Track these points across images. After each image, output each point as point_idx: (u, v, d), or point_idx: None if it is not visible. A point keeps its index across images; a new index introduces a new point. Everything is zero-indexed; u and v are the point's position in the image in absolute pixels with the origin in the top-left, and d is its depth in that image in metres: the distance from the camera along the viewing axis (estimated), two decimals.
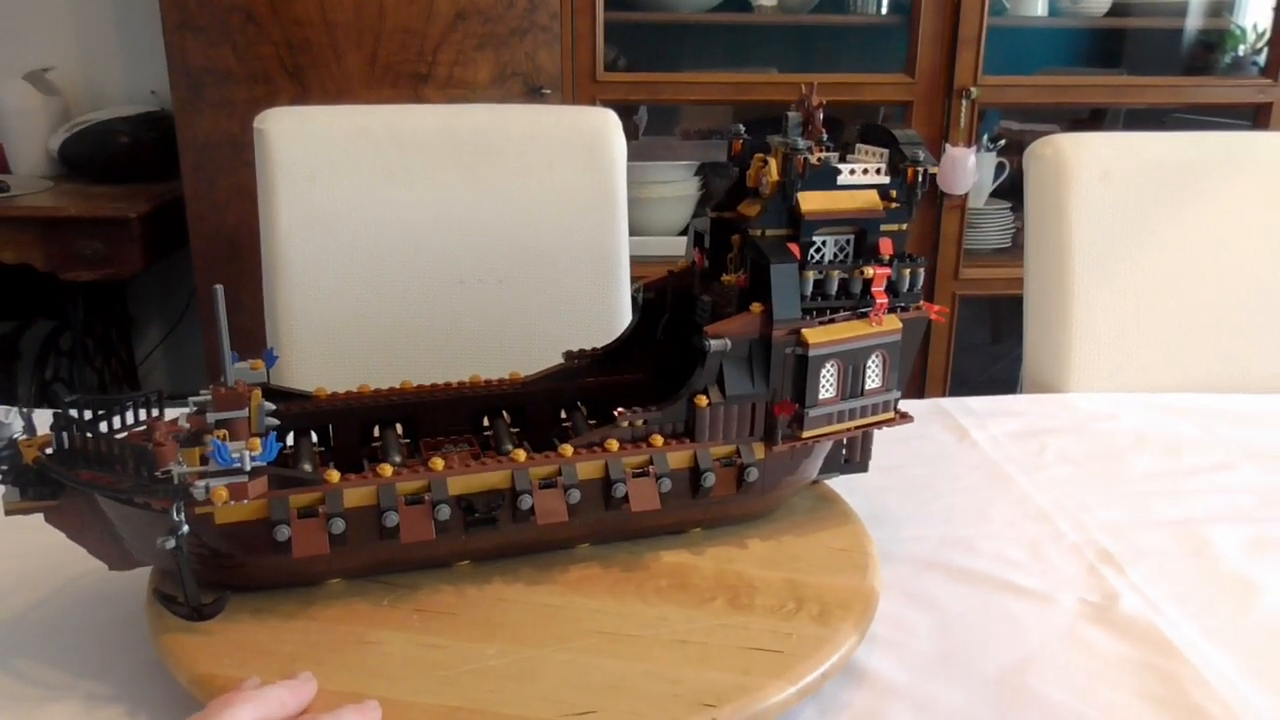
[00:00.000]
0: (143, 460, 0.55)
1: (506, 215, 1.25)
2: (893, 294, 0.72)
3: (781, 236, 0.70)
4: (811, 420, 0.69)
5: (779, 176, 0.70)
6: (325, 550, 0.59)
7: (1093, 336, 1.17)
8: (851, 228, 0.71)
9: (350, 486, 0.60)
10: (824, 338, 0.68)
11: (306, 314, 1.22)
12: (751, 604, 0.64)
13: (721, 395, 0.68)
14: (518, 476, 0.63)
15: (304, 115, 1.23)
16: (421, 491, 0.61)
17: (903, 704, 0.60)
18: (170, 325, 2.44)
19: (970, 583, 0.73)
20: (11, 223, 1.90)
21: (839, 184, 0.70)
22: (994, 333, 2.97)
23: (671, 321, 0.80)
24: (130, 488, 0.55)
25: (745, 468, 0.69)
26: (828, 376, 0.69)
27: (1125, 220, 1.17)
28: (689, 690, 0.55)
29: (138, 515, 0.57)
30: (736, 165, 0.76)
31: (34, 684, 0.60)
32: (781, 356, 0.68)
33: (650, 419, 0.67)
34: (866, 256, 0.71)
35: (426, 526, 0.61)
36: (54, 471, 0.57)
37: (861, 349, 0.70)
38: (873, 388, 0.71)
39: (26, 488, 0.57)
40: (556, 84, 1.91)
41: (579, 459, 0.65)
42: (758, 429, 0.70)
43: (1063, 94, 2.22)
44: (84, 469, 0.56)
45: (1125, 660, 0.64)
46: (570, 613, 0.63)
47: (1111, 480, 0.90)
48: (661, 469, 0.66)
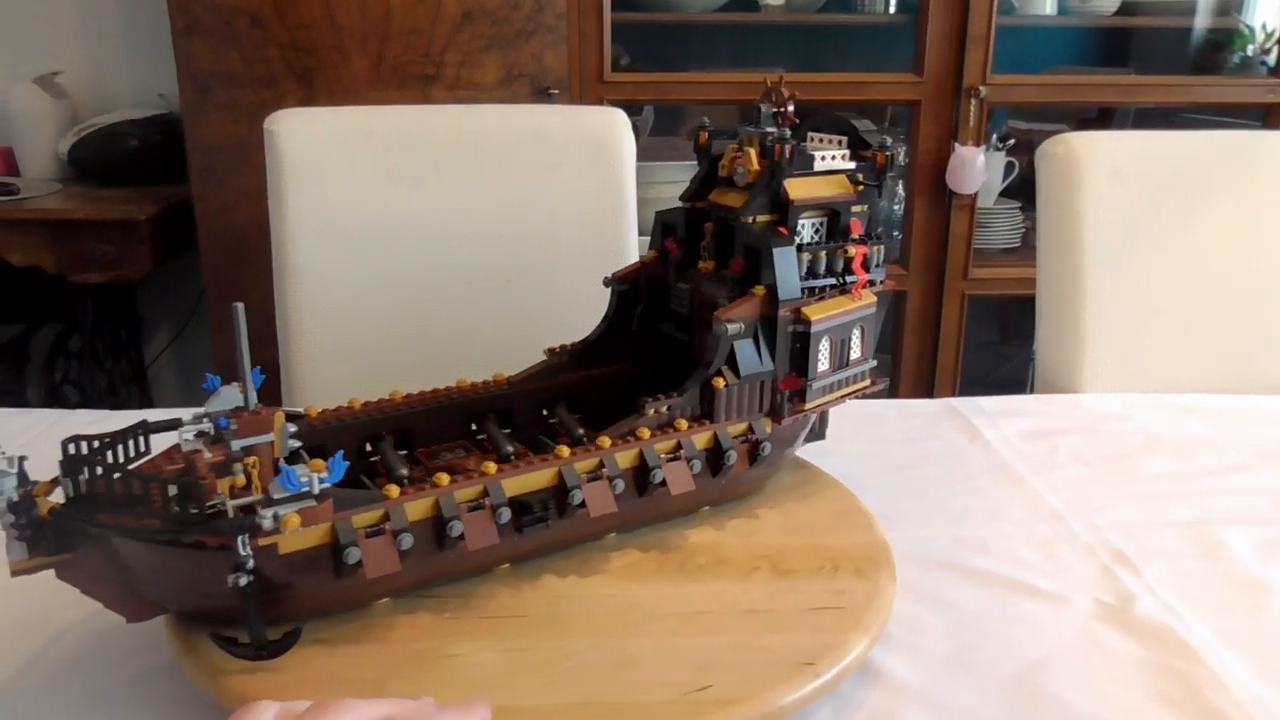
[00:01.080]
0: (190, 496, 0.51)
1: (515, 216, 1.25)
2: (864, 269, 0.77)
3: (769, 222, 0.74)
4: (813, 392, 0.74)
5: (760, 165, 0.74)
6: (397, 568, 0.57)
7: (1105, 336, 1.17)
8: (825, 211, 0.75)
9: (410, 500, 0.58)
10: (821, 314, 0.72)
11: (316, 315, 1.22)
12: (792, 569, 0.67)
13: (735, 376, 0.71)
14: (566, 473, 0.63)
15: (313, 117, 1.23)
16: (480, 498, 0.61)
17: (917, 704, 0.60)
18: (179, 327, 2.44)
19: (984, 583, 0.73)
20: (21, 225, 1.90)
21: (815, 170, 0.75)
22: (1002, 333, 2.97)
23: (646, 311, 0.82)
24: (176, 527, 0.51)
25: (759, 443, 0.72)
26: (824, 350, 0.74)
27: (1137, 219, 1.17)
28: (782, 654, 0.58)
29: (177, 557, 0.52)
30: (705, 156, 0.80)
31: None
32: (785, 334, 0.72)
33: (674, 405, 0.69)
34: (838, 237, 0.76)
35: (490, 531, 0.60)
36: (80, 521, 0.52)
37: (848, 323, 0.75)
38: (855, 358, 0.77)
39: (40, 543, 0.52)
40: (564, 84, 1.90)
41: (617, 449, 0.66)
42: (764, 405, 0.73)
43: (1072, 93, 2.21)
44: (102, 513, 0.52)
45: (1141, 662, 0.64)
46: (633, 599, 0.63)
47: (1124, 481, 0.90)
48: (690, 451, 0.69)
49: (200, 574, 0.53)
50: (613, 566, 0.67)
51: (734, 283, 0.74)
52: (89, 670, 0.60)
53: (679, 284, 0.79)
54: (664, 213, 0.81)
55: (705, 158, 0.80)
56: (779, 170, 0.73)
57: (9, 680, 0.59)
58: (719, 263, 0.78)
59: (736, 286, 0.74)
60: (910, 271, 2.16)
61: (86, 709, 0.57)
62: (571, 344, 0.82)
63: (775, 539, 0.71)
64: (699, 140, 0.81)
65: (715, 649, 0.58)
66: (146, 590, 0.55)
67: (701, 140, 0.80)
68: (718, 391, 0.70)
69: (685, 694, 0.54)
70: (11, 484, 0.51)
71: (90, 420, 1.00)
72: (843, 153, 0.77)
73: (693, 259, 0.79)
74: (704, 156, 0.80)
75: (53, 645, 0.62)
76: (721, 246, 0.78)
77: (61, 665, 0.61)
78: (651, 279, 0.82)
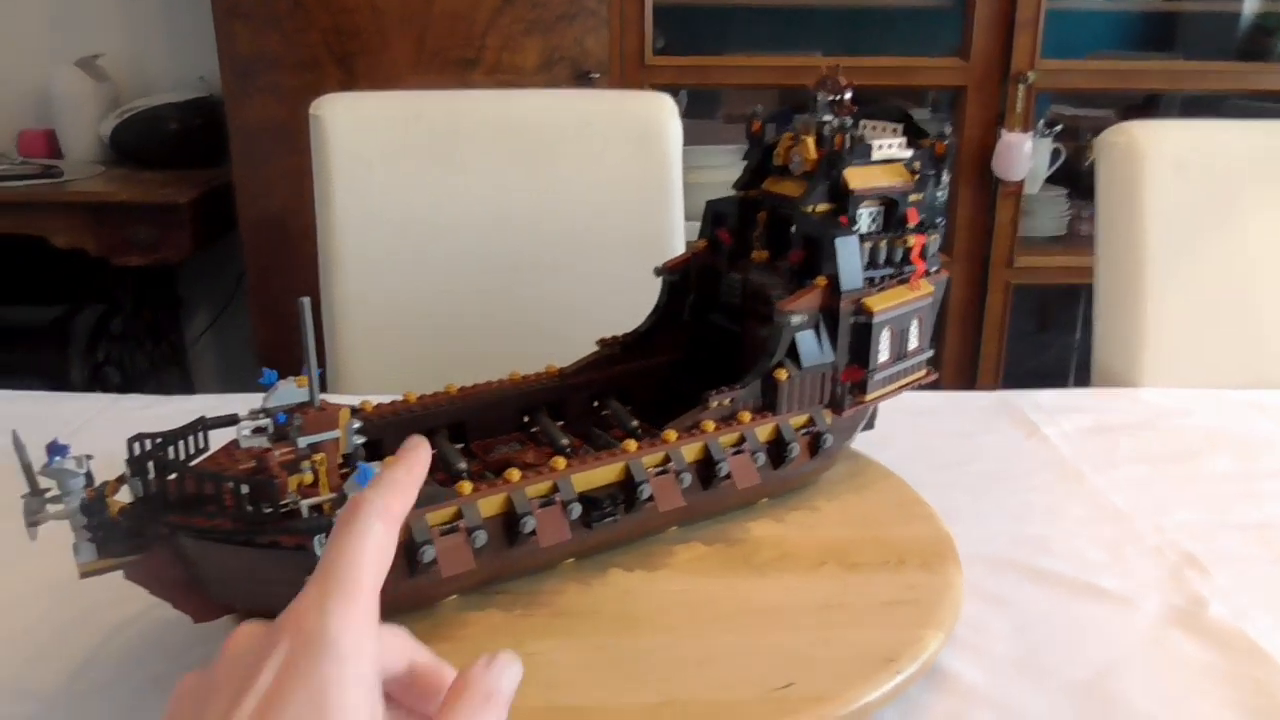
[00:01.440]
0: (263, 495, 0.50)
1: (561, 201, 1.24)
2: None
3: (829, 212, 0.73)
4: (874, 383, 0.73)
5: (817, 154, 0.73)
6: (472, 566, 0.56)
7: (1166, 330, 1.14)
8: (882, 200, 0.75)
9: (483, 496, 0.58)
10: (882, 304, 0.71)
11: (361, 300, 1.22)
12: (859, 563, 0.66)
13: (797, 368, 0.70)
14: (634, 467, 0.63)
15: (360, 101, 1.22)
16: (550, 493, 0.60)
17: (984, 708, 0.58)
18: (218, 310, 2.46)
19: (1048, 584, 0.71)
20: (65, 208, 1.92)
21: (873, 159, 0.74)
22: (1041, 322, 2.92)
23: (696, 301, 0.81)
24: (250, 527, 0.50)
25: (820, 435, 0.72)
26: (884, 341, 0.73)
27: (1201, 210, 1.14)
28: (863, 650, 0.57)
29: (250, 558, 0.52)
30: (758, 145, 0.79)
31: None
32: (846, 326, 0.71)
33: (736, 397, 0.68)
34: (894, 226, 0.75)
35: (562, 527, 0.60)
36: (152, 522, 0.51)
37: (907, 313, 0.74)
38: (913, 349, 0.76)
39: (110, 544, 0.51)
40: (604, 68, 1.89)
41: (683, 442, 0.65)
42: (824, 397, 0.72)
43: (1122, 79, 2.16)
44: (173, 513, 0.51)
45: (1215, 669, 0.62)
46: (705, 594, 0.63)
47: (1188, 480, 0.87)
48: (754, 444, 0.68)
49: (274, 574, 0.52)
50: (678, 561, 0.66)
51: (792, 273, 0.73)
52: (152, 660, 0.60)
53: (731, 274, 0.78)
54: (715, 202, 0.80)
55: (758, 146, 0.79)
56: (839, 159, 0.72)
57: (74, 671, 0.59)
58: (772, 253, 0.77)
59: (795, 277, 0.73)
60: (954, 259, 2.12)
61: (151, 694, 0.57)
62: (623, 334, 0.80)
63: (838, 532, 0.70)
64: (752, 128, 0.79)
65: (793, 646, 0.58)
66: (215, 590, 0.55)
67: (755, 128, 0.79)
68: (780, 383, 0.69)
69: (770, 692, 0.53)
70: (80, 484, 0.49)
71: (139, 406, 1.01)
72: (899, 141, 0.76)
73: (745, 249, 0.78)
74: (757, 145, 0.79)
75: (114, 638, 0.62)
76: (775, 236, 0.77)
77: (125, 655, 0.61)
78: (702, 269, 0.81)
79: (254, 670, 0.32)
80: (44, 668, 0.59)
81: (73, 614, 0.64)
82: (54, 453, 0.49)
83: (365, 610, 0.34)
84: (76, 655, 0.60)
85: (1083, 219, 2.27)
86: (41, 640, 0.62)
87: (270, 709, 0.31)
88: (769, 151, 0.78)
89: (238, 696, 0.32)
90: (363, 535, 0.36)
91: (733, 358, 0.78)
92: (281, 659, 0.32)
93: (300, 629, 0.33)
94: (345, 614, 0.34)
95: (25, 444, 0.49)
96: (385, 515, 0.38)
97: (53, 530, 0.51)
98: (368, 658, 0.34)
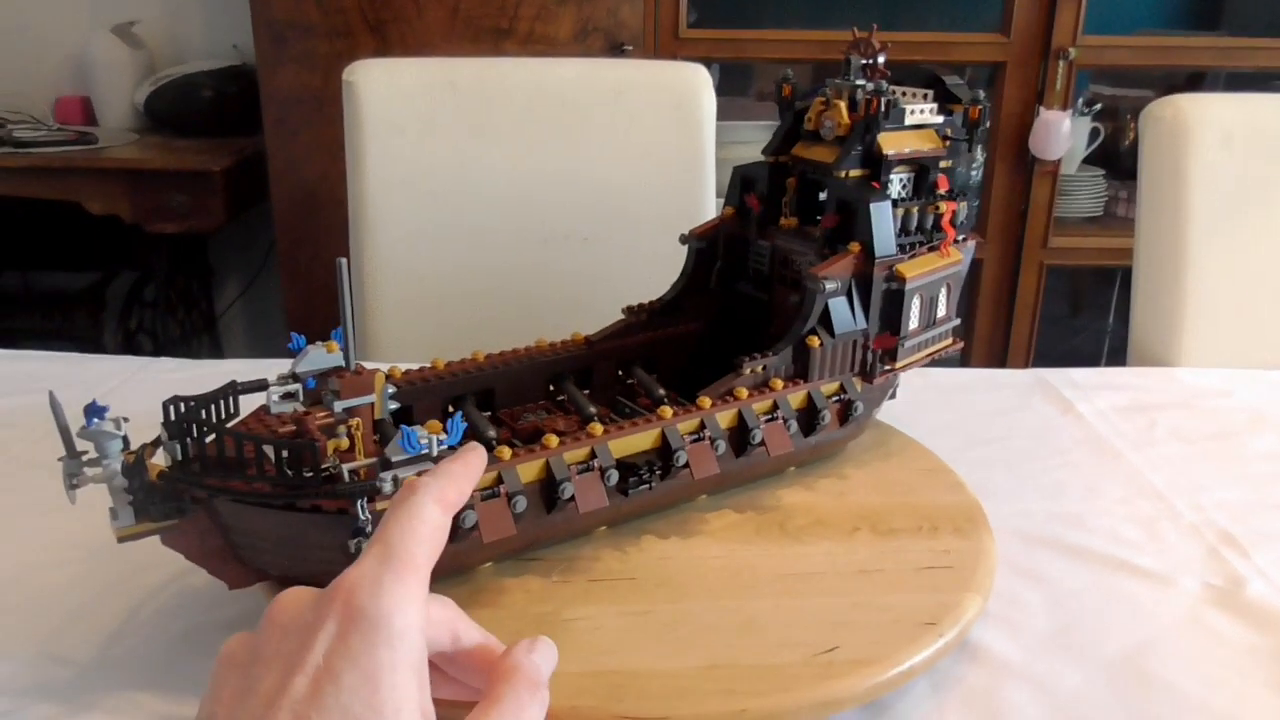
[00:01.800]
0: (303, 458, 0.49)
1: (593, 172, 1.23)
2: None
3: (862, 177, 0.72)
4: (904, 351, 0.73)
5: (850, 118, 0.72)
6: (513, 531, 0.56)
7: (1207, 309, 1.12)
8: (914, 166, 0.74)
9: (521, 462, 0.57)
10: (914, 271, 0.71)
11: (392, 268, 1.22)
12: (893, 529, 0.66)
13: (829, 335, 0.69)
14: (669, 434, 0.62)
15: (393, 68, 1.22)
16: (588, 459, 0.60)
17: (1018, 682, 0.57)
18: (249, 278, 2.47)
19: (1084, 560, 0.70)
20: (99, 174, 1.93)
21: (906, 124, 0.73)
22: (1074, 305, 2.89)
23: (724, 269, 0.80)
24: (291, 491, 0.49)
25: (851, 403, 0.71)
26: (915, 308, 0.72)
27: (1247, 187, 1.11)
28: (902, 614, 0.57)
29: (290, 522, 0.51)
30: (789, 110, 0.78)
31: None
32: (878, 292, 0.70)
33: (769, 364, 0.68)
34: (925, 193, 0.74)
35: (600, 494, 0.59)
36: (191, 485, 0.50)
37: (937, 280, 0.73)
38: (941, 316, 0.75)
39: (148, 508, 0.50)
40: (638, 40, 1.87)
41: (717, 409, 0.64)
42: (855, 364, 0.72)
43: (1167, 55, 2.12)
44: (211, 477, 0.50)
45: (1255, 648, 0.61)
46: (742, 561, 0.62)
47: (1227, 460, 0.86)
48: (786, 412, 0.67)
49: (314, 539, 0.51)
50: (712, 528, 0.66)
51: (825, 239, 0.72)
52: (188, 626, 0.60)
53: (759, 241, 0.78)
54: (744, 167, 0.79)
55: (789, 111, 0.78)
56: (873, 124, 0.71)
57: (110, 636, 0.59)
58: (802, 219, 0.76)
59: (827, 243, 0.72)
60: (988, 239, 2.10)
61: (187, 659, 0.57)
62: (649, 302, 0.80)
63: (869, 498, 0.70)
64: (783, 92, 0.78)
65: (834, 610, 0.58)
66: (251, 556, 0.54)
67: (786, 93, 0.78)
68: (812, 350, 0.68)
69: (814, 655, 0.53)
70: (118, 447, 0.49)
71: (170, 368, 1.01)
72: (931, 106, 0.75)
73: (773, 215, 0.77)
74: (787, 109, 0.78)
75: (148, 602, 0.62)
76: (805, 202, 0.76)
77: (161, 620, 0.61)
78: (730, 236, 0.80)
79: (304, 645, 0.32)
80: (79, 632, 0.59)
81: (108, 578, 0.64)
82: (92, 414, 0.48)
83: (418, 590, 0.34)
84: (112, 620, 0.60)
85: (1120, 200, 2.23)
86: (76, 604, 0.62)
87: (321, 689, 0.31)
88: (800, 116, 0.77)
89: (289, 673, 0.31)
90: (419, 515, 0.36)
91: (760, 325, 0.77)
92: (332, 635, 0.32)
93: (352, 604, 0.33)
94: (400, 593, 0.33)
95: (62, 405, 0.48)
96: (442, 500, 0.38)
97: (87, 493, 0.51)
98: (418, 638, 0.33)
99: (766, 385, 0.68)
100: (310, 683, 0.31)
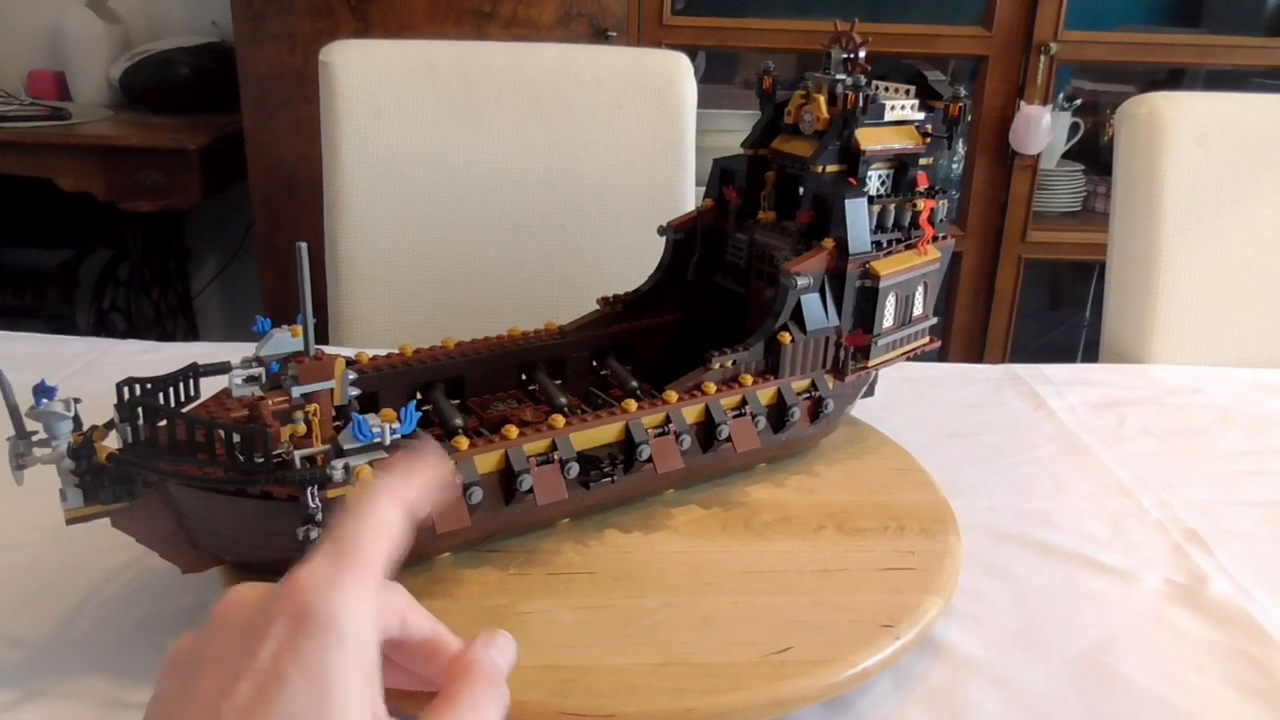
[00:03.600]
0: (254, 444, 0.48)
1: (571, 158, 1.22)
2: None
3: (839, 172, 0.71)
4: (877, 349, 0.72)
5: (829, 113, 0.71)
6: (468, 523, 0.55)
7: (1179, 306, 1.12)
8: (892, 163, 0.73)
9: (480, 452, 0.56)
10: (889, 269, 0.70)
11: (367, 250, 1.21)
12: (859, 528, 0.66)
13: (801, 331, 0.69)
14: (633, 427, 0.62)
15: (370, 49, 1.21)
16: (548, 451, 0.59)
17: (981, 679, 0.58)
18: (226, 259, 2.45)
19: (1050, 557, 0.70)
20: (73, 151, 1.90)
21: (885, 120, 0.72)
22: (1052, 298, 2.90)
23: (701, 261, 0.80)
24: (241, 477, 0.49)
25: (822, 400, 0.71)
26: (890, 307, 0.72)
27: (1220, 185, 1.12)
28: (860, 615, 0.57)
29: (241, 508, 0.50)
30: (769, 102, 0.77)
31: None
32: (852, 289, 0.70)
33: (739, 359, 0.67)
34: (903, 189, 0.74)
35: (559, 486, 0.59)
36: (141, 468, 0.49)
37: (913, 278, 0.73)
38: (918, 315, 0.75)
39: (97, 490, 0.49)
40: (622, 26, 1.86)
41: (684, 404, 0.64)
42: (828, 361, 0.71)
43: (1147, 52, 2.13)
44: (163, 461, 0.49)
45: (1215, 645, 0.62)
46: (703, 557, 0.62)
47: (1195, 457, 0.87)
48: (755, 408, 0.67)
49: (264, 525, 0.51)
50: (677, 523, 0.66)
51: (800, 234, 0.72)
52: (141, 609, 0.59)
53: (737, 234, 0.77)
54: (724, 159, 0.79)
55: (769, 104, 0.77)
56: (851, 119, 0.70)
57: (63, 620, 0.59)
58: (780, 213, 0.76)
59: (802, 238, 0.72)
60: (967, 232, 2.10)
61: (140, 644, 0.57)
62: (625, 293, 0.79)
63: (837, 497, 0.70)
64: (763, 85, 0.77)
65: (792, 609, 0.58)
66: (204, 541, 0.54)
67: (766, 85, 0.77)
68: (784, 346, 0.68)
69: (768, 654, 0.53)
70: (67, 428, 0.48)
71: (138, 350, 1.00)
72: (912, 102, 0.74)
73: (752, 209, 0.77)
74: (768, 102, 0.77)
75: (102, 588, 0.62)
76: (783, 196, 0.76)
77: (114, 604, 0.60)
78: (708, 228, 0.79)
79: (252, 646, 0.31)
80: (34, 615, 0.59)
81: (66, 561, 0.63)
82: (41, 394, 0.48)
83: (370, 589, 0.34)
84: (66, 604, 0.60)
85: (1098, 195, 2.24)
86: (31, 588, 0.61)
87: (267, 693, 0.30)
88: (780, 109, 0.76)
89: (235, 676, 0.31)
90: (375, 515, 0.36)
91: (736, 319, 0.77)
92: (281, 637, 0.31)
93: (302, 605, 0.32)
94: (352, 593, 0.33)
95: (12, 385, 0.47)
96: (400, 499, 0.37)
97: (49, 475, 0.50)
98: (370, 639, 0.33)
99: (736, 380, 0.67)
100: (255, 688, 0.30)
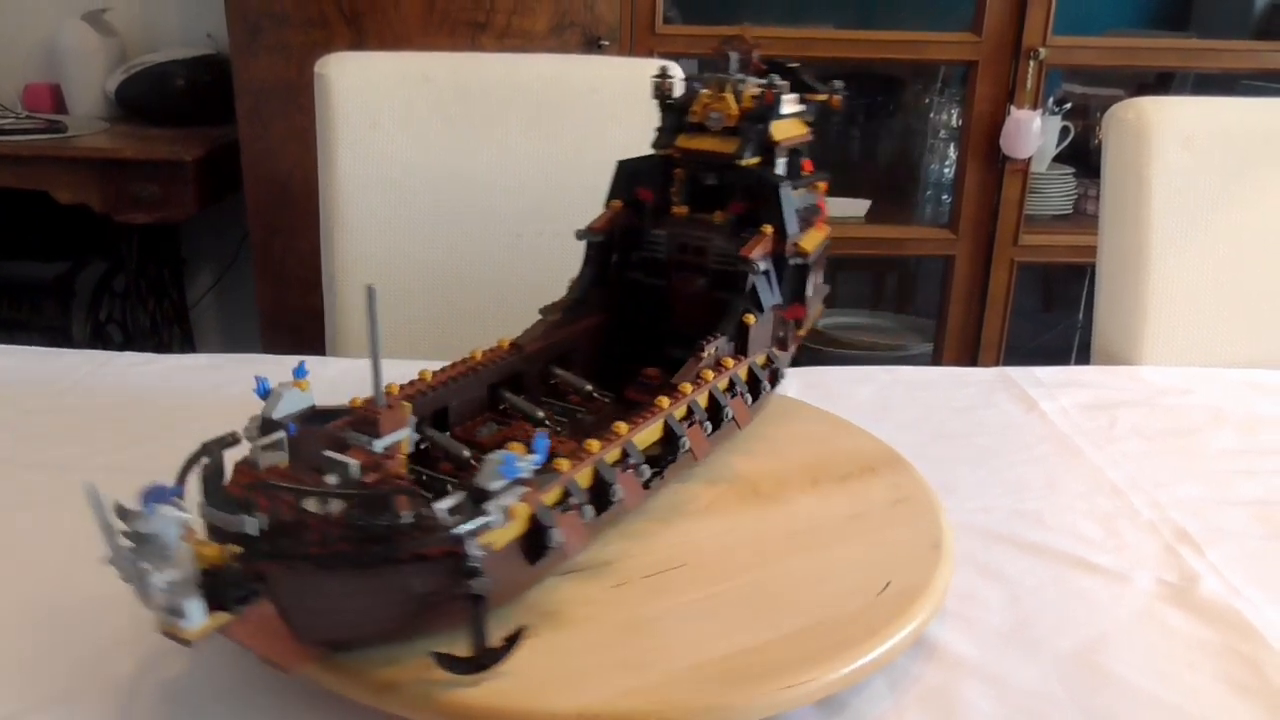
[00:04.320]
0: (383, 507, 0.43)
1: (567, 168, 1.23)
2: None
3: (758, 164, 0.77)
4: (807, 319, 0.80)
5: (740, 110, 0.77)
6: (588, 541, 0.56)
7: (1168, 308, 1.14)
8: (789, 151, 0.80)
9: (578, 470, 0.56)
10: (811, 245, 0.77)
11: (364, 262, 1.22)
12: (844, 475, 0.72)
13: (759, 310, 0.75)
14: (671, 422, 0.65)
15: (366, 61, 1.22)
16: (622, 458, 0.61)
17: (975, 679, 0.58)
18: (222, 270, 2.45)
19: (1042, 557, 0.71)
20: (69, 163, 1.91)
21: (784, 114, 0.79)
22: (1045, 301, 2.92)
23: (620, 261, 0.83)
24: (387, 544, 0.44)
25: (777, 370, 0.78)
26: (812, 280, 0.79)
27: (1208, 188, 1.13)
28: (910, 542, 0.64)
29: (382, 578, 0.45)
30: (671, 104, 0.81)
31: None
32: (788, 268, 0.77)
33: (720, 345, 0.72)
34: (794, 174, 0.81)
35: (638, 490, 0.62)
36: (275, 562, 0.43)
37: (821, 253, 0.81)
38: (820, 284, 0.83)
39: (224, 599, 0.42)
40: (615, 35, 1.87)
41: (698, 392, 0.68)
42: (774, 336, 0.78)
43: (1135, 56, 2.14)
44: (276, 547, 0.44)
45: (1206, 644, 0.62)
46: (751, 530, 0.66)
47: (1186, 457, 0.88)
48: (740, 386, 0.73)
49: (410, 589, 0.47)
50: (702, 506, 0.68)
51: (733, 224, 0.77)
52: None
53: (654, 231, 0.81)
54: (628, 161, 0.82)
55: (674, 106, 0.81)
56: (768, 113, 0.76)
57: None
58: (693, 207, 0.80)
59: (736, 227, 0.77)
60: (959, 236, 2.12)
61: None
62: (559, 300, 0.81)
63: (803, 452, 0.76)
64: (662, 90, 0.82)
65: (862, 552, 0.62)
66: (314, 628, 0.48)
67: (666, 89, 0.82)
68: (750, 327, 0.74)
69: (877, 595, 0.57)
70: (170, 530, 0.39)
71: (137, 363, 1.00)
72: (795, 96, 0.81)
73: (664, 205, 0.81)
74: (671, 104, 0.81)
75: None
76: (694, 191, 0.80)
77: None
78: (625, 228, 0.82)
79: None
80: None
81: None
82: (153, 499, 0.40)
83: None
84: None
85: (1089, 198, 2.26)
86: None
87: None
88: (681, 110, 0.80)
89: None
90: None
91: (660, 312, 0.80)
92: None
93: None
94: None
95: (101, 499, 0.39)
96: None
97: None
98: None
99: (719, 364, 0.72)
100: None
